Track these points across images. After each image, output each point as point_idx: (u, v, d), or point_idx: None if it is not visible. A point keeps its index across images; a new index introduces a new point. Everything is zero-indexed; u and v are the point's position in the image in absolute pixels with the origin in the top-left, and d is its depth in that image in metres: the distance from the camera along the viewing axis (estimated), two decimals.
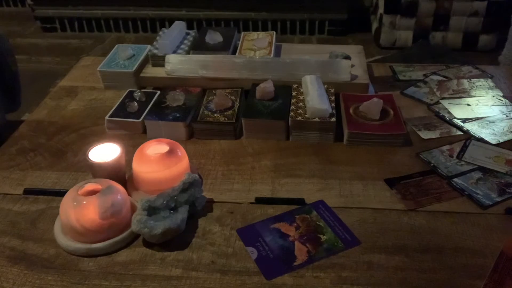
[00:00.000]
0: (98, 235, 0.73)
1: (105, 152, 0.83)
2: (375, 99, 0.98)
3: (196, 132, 1.00)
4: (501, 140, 0.95)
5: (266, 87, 1.02)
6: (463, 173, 0.87)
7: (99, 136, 1.00)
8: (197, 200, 0.79)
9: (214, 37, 1.20)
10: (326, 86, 1.04)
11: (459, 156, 0.91)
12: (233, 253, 0.73)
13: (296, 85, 1.06)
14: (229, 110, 1.01)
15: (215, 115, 1.00)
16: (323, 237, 0.75)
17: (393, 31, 2.84)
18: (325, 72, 1.07)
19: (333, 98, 1.01)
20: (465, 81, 1.17)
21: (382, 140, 0.95)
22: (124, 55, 1.20)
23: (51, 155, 0.96)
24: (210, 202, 0.83)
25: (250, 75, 1.08)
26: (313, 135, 0.97)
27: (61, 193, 0.77)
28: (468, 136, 0.97)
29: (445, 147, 0.94)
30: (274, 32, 1.27)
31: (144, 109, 1.03)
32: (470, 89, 1.13)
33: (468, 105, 1.07)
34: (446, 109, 1.06)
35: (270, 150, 0.95)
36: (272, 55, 1.16)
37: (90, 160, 0.81)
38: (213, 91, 1.07)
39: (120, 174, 0.84)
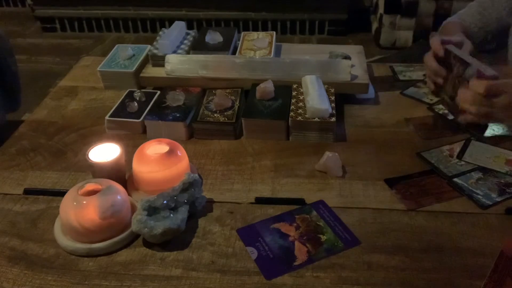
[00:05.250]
0: (98, 235, 0.73)
1: (105, 152, 0.83)
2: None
3: (196, 132, 1.00)
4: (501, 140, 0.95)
5: (266, 87, 1.02)
6: (463, 173, 0.87)
7: (99, 136, 1.00)
8: (197, 200, 0.79)
9: (214, 37, 1.20)
10: (326, 86, 1.04)
11: (459, 156, 0.91)
12: (233, 253, 0.73)
13: (296, 85, 1.06)
14: (229, 110, 1.01)
15: (215, 115, 1.00)
16: (323, 237, 0.75)
17: (393, 31, 2.84)
18: (325, 72, 1.07)
19: (333, 98, 1.01)
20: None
21: None
22: (124, 55, 1.20)
23: (51, 155, 0.96)
24: (210, 202, 0.83)
25: (250, 75, 1.08)
26: (313, 135, 0.97)
27: (61, 193, 0.77)
28: (468, 136, 0.97)
29: (445, 147, 0.94)
30: (274, 32, 1.27)
31: (144, 109, 1.03)
32: None
33: None
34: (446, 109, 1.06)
35: (270, 150, 0.95)
36: (272, 55, 1.16)
37: (90, 160, 0.81)
38: (213, 91, 1.07)
39: (120, 174, 0.84)
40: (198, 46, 1.19)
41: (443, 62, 0.96)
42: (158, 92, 1.09)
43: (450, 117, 1.03)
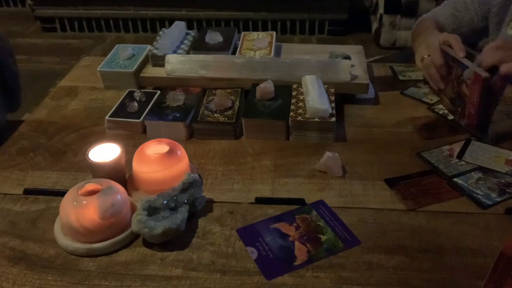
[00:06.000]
0: (98, 235, 0.73)
1: (105, 152, 0.83)
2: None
3: (196, 132, 1.00)
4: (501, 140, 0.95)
5: (266, 87, 1.02)
6: (463, 173, 0.87)
7: (99, 136, 1.00)
8: (197, 200, 0.79)
9: (214, 37, 1.20)
10: (326, 86, 1.04)
11: (459, 156, 0.91)
12: (233, 253, 0.73)
13: (296, 85, 1.06)
14: (229, 110, 1.01)
15: (215, 115, 1.00)
16: (323, 237, 0.75)
17: (393, 31, 2.84)
18: (325, 72, 1.07)
19: (333, 98, 1.01)
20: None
21: None
22: (124, 55, 1.20)
23: (51, 155, 0.96)
24: (210, 202, 0.83)
25: (250, 75, 1.08)
26: (313, 135, 0.97)
27: (61, 193, 0.77)
28: (468, 136, 0.97)
29: (445, 147, 0.94)
30: (274, 32, 1.27)
31: (144, 109, 1.03)
32: None
33: None
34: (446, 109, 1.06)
35: (270, 150, 0.95)
36: (272, 55, 1.16)
37: (90, 160, 0.81)
38: (213, 91, 1.07)
39: (120, 174, 0.84)
40: (198, 46, 1.19)
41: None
42: (158, 92, 1.09)
43: (450, 117, 1.03)
